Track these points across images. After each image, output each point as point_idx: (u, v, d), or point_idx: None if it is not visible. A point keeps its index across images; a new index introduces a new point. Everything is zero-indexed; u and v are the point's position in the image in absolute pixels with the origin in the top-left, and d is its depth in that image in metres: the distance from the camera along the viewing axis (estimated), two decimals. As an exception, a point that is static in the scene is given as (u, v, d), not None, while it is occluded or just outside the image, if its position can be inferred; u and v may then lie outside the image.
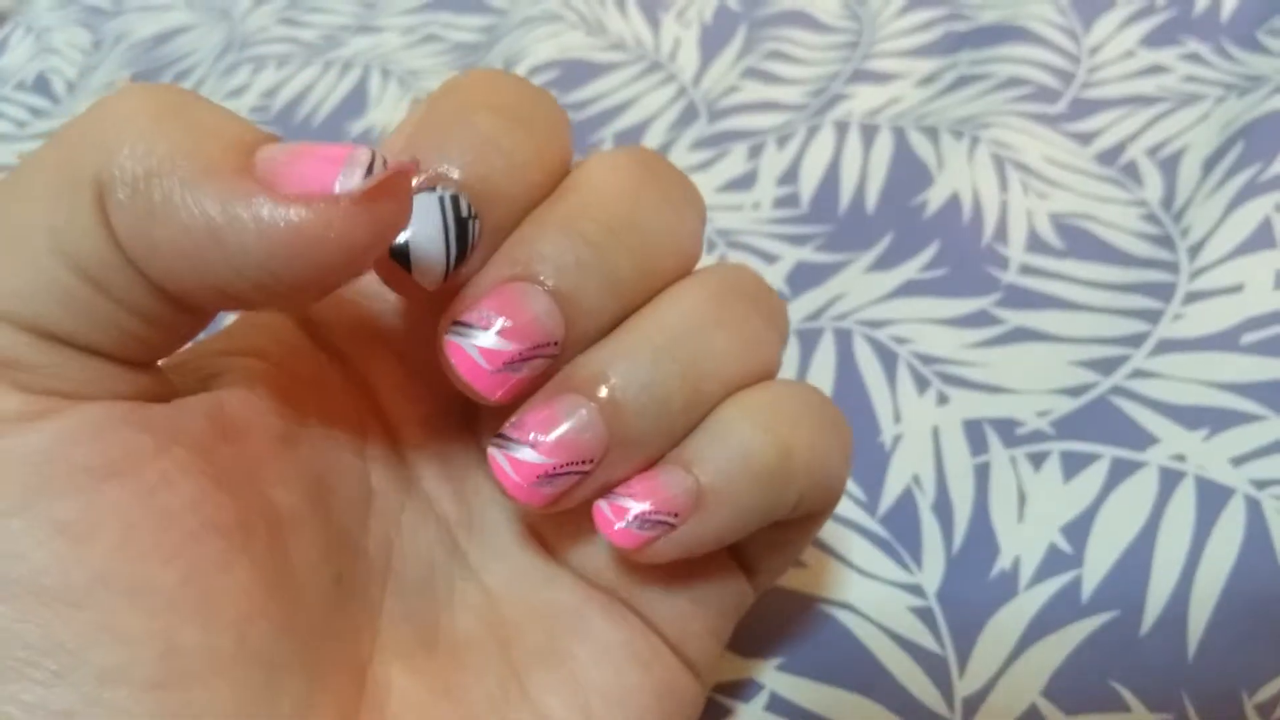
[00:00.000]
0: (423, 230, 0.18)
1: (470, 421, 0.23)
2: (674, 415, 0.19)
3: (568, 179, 0.20)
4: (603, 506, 0.20)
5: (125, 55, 0.62)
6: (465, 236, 0.18)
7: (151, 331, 0.16)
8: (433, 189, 0.18)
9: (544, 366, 0.19)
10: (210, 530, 0.16)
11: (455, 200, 0.18)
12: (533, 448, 0.19)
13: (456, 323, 0.19)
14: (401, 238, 0.18)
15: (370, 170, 0.15)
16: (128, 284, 0.15)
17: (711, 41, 0.52)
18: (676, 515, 0.19)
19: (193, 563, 0.16)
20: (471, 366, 0.18)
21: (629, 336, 0.19)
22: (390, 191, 0.15)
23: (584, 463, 0.19)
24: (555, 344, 0.19)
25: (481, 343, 0.18)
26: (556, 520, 0.22)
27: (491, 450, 0.19)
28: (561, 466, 0.19)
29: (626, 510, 0.20)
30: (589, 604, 0.22)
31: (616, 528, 0.20)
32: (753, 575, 0.24)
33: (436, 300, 0.19)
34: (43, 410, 0.16)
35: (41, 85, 0.62)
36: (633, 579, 0.22)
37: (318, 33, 0.60)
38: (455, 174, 0.18)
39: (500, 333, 0.18)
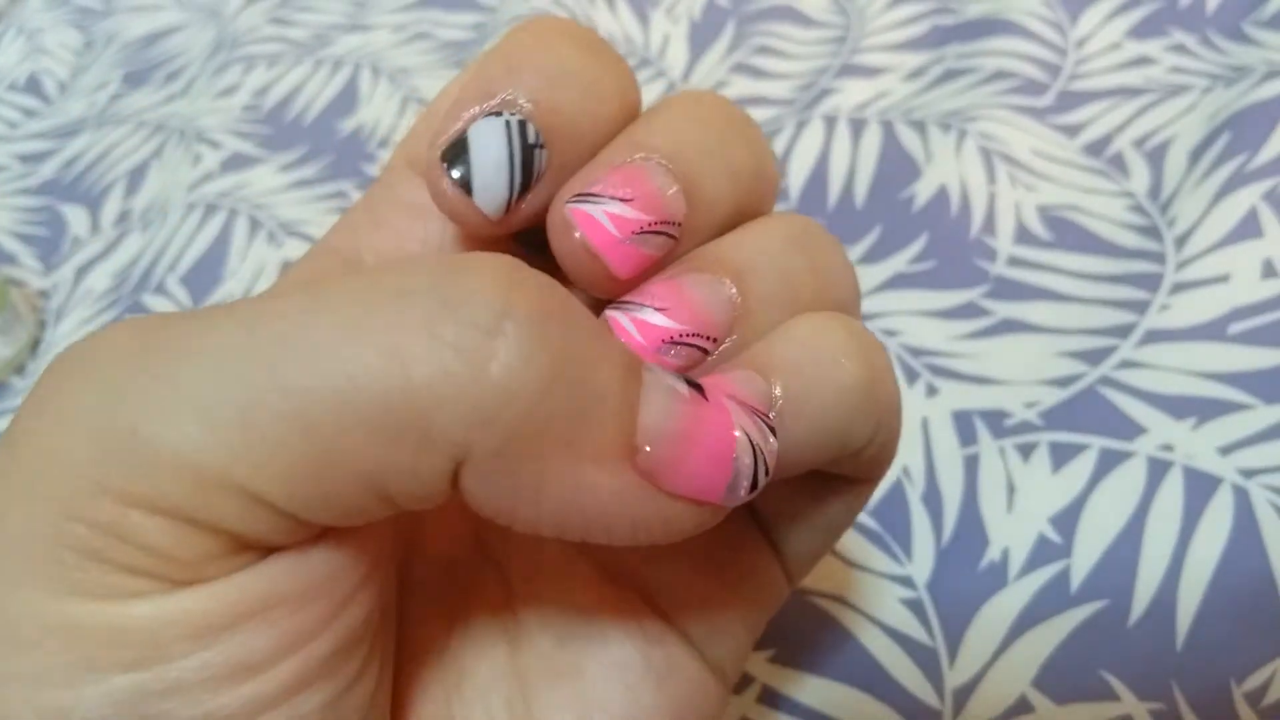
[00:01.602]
0: (487, 155, 0.17)
1: None
2: (800, 306, 0.18)
3: (657, 103, 0.19)
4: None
5: (116, 56, 0.62)
6: (531, 165, 0.17)
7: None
8: (499, 113, 0.17)
9: (667, 247, 0.18)
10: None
11: (523, 126, 0.17)
12: (661, 310, 0.18)
13: (579, 195, 0.17)
14: (464, 164, 0.17)
15: (755, 473, 0.15)
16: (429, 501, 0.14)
17: (700, 37, 0.53)
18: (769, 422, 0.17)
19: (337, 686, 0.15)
20: (602, 234, 0.17)
21: (756, 228, 0.19)
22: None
23: (708, 338, 0.18)
24: (678, 225, 0.18)
25: (611, 209, 0.17)
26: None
27: (613, 314, 0.18)
28: (687, 335, 0.17)
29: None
30: (603, 605, 0.20)
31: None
32: (788, 563, 0.21)
33: (492, 241, 0.19)
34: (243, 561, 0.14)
35: (33, 86, 0.62)
36: (659, 566, 0.20)
37: (308, 31, 0.60)
38: (525, 101, 0.17)
39: (627, 201, 0.17)
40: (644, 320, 0.17)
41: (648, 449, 0.14)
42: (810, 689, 0.30)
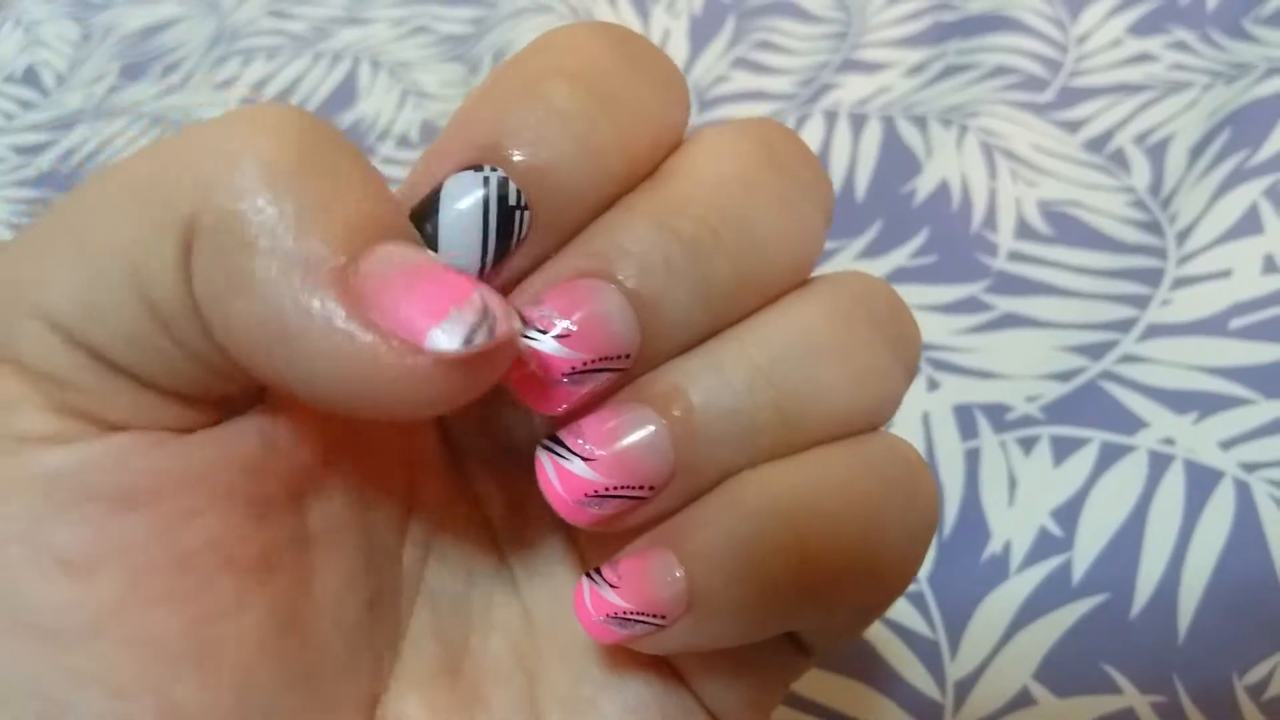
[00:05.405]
0: (458, 215, 0.15)
1: (531, 416, 0.20)
2: (757, 452, 0.16)
3: (670, 160, 0.17)
4: (584, 587, 0.17)
5: (114, 48, 0.62)
6: (509, 229, 0.15)
7: (212, 379, 0.14)
8: (479, 167, 0.15)
9: (612, 380, 0.16)
10: (227, 569, 0.15)
11: (504, 184, 0.15)
12: (586, 460, 0.16)
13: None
14: (431, 225, 0.15)
15: (474, 330, 0.13)
16: (196, 334, 0.14)
17: (701, 32, 0.52)
18: (663, 618, 0.16)
19: (202, 609, 0.14)
20: (525, 375, 0.15)
21: (722, 350, 0.16)
22: (487, 361, 0.13)
23: (642, 488, 0.16)
24: (627, 356, 0.16)
25: (541, 347, 0.15)
26: (603, 540, 0.19)
27: (540, 454, 0.16)
28: (615, 488, 0.16)
29: (606, 604, 0.17)
30: (622, 648, 0.19)
31: (594, 620, 0.17)
32: (809, 646, 0.19)
33: None
34: (73, 434, 0.14)
35: (31, 77, 0.61)
36: None
37: (307, 25, 0.60)
38: (512, 153, 0.15)
39: (563, 338, 0.15)
40: (568, 471, 0.16)
41: (364, 273, 0.13)
42: (811, 682, 0.30)
